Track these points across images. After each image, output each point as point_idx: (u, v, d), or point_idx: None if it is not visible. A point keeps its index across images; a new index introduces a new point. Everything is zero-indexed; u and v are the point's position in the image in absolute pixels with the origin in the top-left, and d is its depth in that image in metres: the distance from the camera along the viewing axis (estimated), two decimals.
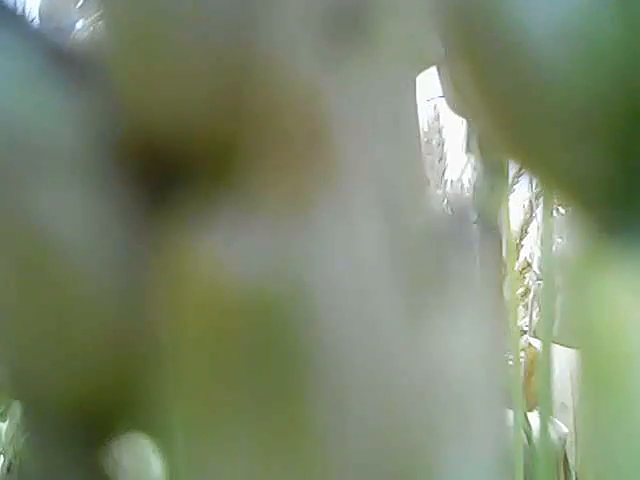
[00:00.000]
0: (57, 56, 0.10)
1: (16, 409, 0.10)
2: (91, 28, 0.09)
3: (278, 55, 0.09)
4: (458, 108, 0.13)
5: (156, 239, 0.09)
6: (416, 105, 0.12)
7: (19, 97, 0.10)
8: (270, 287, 0.09)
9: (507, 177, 0.44)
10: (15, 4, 0.10)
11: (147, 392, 0.10)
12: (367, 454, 0.09)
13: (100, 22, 0.09)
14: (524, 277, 1.15)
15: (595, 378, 0.13)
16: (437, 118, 1.19)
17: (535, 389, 1.03)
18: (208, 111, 0.09)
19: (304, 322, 0.09)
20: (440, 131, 1.17)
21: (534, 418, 0.86)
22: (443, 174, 1.16)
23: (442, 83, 0.13)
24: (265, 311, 0.09)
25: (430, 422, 0.09)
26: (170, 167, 0.09)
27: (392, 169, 0.09)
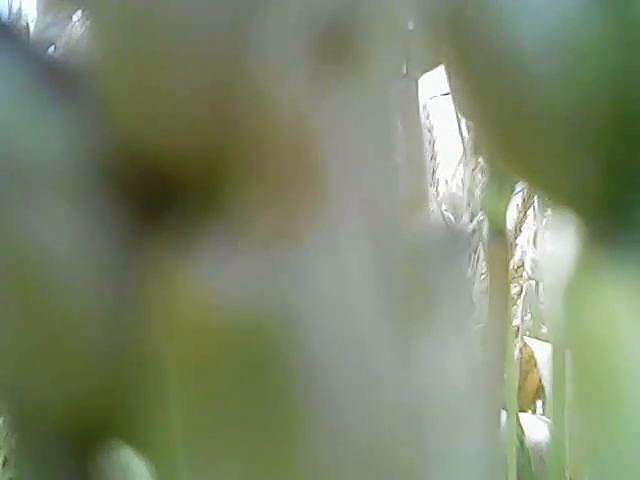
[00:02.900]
0: (47, 71, 0.10)
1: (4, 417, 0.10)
2: (81, 40, 0.09)
3: (268, 77, 0.09)
4: (464, 112, 0.13)
5: (145, 260, 0.09)
6: (418, 110, 0.12)
7: (7, 113, 0.10)
8: (258, 312, 0.09)
9: (512, 180, 0.44)
10: (7, 17, 0.10)
11: (136, 407, 0.10)
12: (358, 475, 0.09)
13: (89, 38, 0.09)
14: (520, 276, 1.16)
15: (587, 382, 0.13)
16: (428, 117, 1.19)
17: (531, 389, 1.03)
18: (197, 131, 0.09)
19: (292, 346, 0.09)
20: (431, 130, 1.18)
21: (530, 418, 0.86)
22: (434, 172, 1.17)
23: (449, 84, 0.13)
24: (253, 336, 0.09)
25: (421, 442, 0.09)
26: (160, 188, 0.09)
27: (384, 191, 0.09)
